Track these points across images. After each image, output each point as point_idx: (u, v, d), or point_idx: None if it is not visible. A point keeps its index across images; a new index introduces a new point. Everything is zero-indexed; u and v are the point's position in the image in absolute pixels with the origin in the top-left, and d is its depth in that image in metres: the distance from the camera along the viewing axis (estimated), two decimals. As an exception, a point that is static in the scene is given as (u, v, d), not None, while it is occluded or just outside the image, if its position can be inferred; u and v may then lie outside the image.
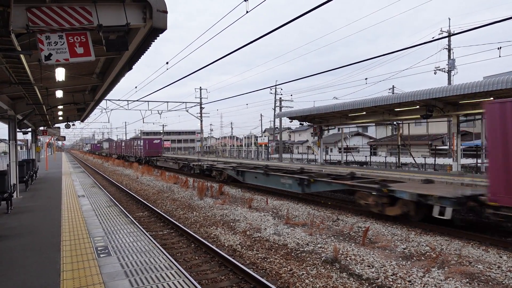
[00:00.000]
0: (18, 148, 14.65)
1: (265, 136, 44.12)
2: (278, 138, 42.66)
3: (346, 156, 30.06)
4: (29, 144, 25.39)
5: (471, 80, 12.95)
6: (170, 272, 4.54)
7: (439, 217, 8.07)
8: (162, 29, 4.96)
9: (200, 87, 37.86)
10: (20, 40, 4.88)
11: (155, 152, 35.49)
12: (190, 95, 56.99)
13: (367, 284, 5.50)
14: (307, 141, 54.68)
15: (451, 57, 26.63)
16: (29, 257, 5.27)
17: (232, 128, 77.77)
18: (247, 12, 8.37)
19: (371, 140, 43.46)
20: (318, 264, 6.36)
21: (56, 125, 25.51)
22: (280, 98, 40.76)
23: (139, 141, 38.22)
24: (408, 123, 25.88)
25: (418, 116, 16.32)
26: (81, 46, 4.57)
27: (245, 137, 56.23)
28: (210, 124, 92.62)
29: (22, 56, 5.23)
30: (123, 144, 47.90)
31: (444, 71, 26.98)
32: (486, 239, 7.70)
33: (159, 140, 37.46)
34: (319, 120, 22.62)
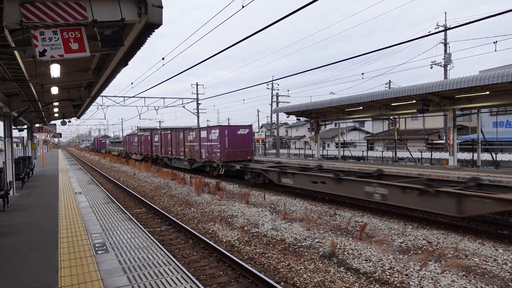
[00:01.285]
0: (14, 145, 14.57)
1: (262, 132, 44.07)
2: (275, 134, 42.68)
3: (343, 151, 30.14)
4: (25, 141, 25.25)
5: (467, 74, 12.96)
6: (168, 268, 4.54)
7: None
8: (158, 24, 4.92)
9: (197, 83, 37.59)
10: (14, 36, 4.83)
11: (243, 153, 19.20)
12: (187, 90, 57.09)
13: (364, 278, 5.53)
14: (304, 136, 54.73)
15: (447, 52, 26.63)
16: (27, 255, 5.25)
17: (229, 124, 77.42)
18: (243, 6, 8.32)
19: (368, 135, 43.56)
20: (316, 258, 6.39)
21: (52, 122, 25.40)
22: (277, 93, 40.71)
23: (206, 133, 20.12)
24: (405, 118, 25.94)
25: (415, 110, 16.33)
26: (76, 41, 4.53)
27: (242, 133, 56.13)
28: (207, 120, 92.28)
29: (16, 52, 5.17)
30: (155, 139, 29.01)
31: (440, 66, 26.99)
32: (482, 232, 7.75)
33: (247, 130, 19.84)
34: (316, 115, 22.62)
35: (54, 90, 10.57)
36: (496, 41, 19.62)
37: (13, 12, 4.16)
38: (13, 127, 13.24)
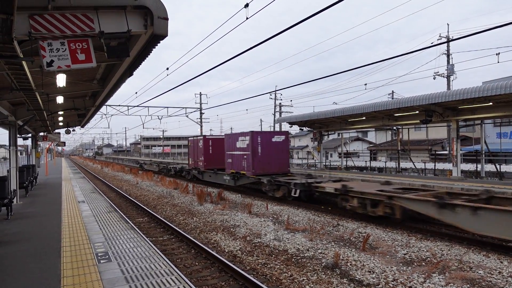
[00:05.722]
0: (18, 153, 14.67)
1: (265, 141, 44.06)
2: (278, 143, 42.61)
3: (346, 161, 30.07)
4: (29, 150, 25.39)
5: (470, 85, 12.98)
6: (171, 278, 4.54)
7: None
8: (163, 35, 5.00)
9: (200, 93, 37.88)
10: (22, 46, 4.91)
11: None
12: (190, 100, 57.49)
13: (367, 290, 5.48)
14: (307, 146, 54.73)
15: (450, 63, 26.72)
16: (29, 263, 5.26)
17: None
18: (247, 18, 8.43)
19: (371, 145, 43.47)
20: (319, 269, 6.34)
21: (56, 130, 25.54)
22: (280, 103, 40.90)
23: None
24: (408, 128, 25.90)
25: (418, 121, 16.35)
26: (83, 52, 4.61)
27: (245, 142, 56.15)
28: (210, 130, 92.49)
29: (24, 63, 5.26)
30: None
31: (443, 76, 27.06)
32: (487, 244, 7.68)
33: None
34: (319, 125, 22.66)
35: (60, 100, 10.69)
36: (499, 53, 19.63)
37: (22, 24, 4.25)
38: (18, 135, 13.35)
